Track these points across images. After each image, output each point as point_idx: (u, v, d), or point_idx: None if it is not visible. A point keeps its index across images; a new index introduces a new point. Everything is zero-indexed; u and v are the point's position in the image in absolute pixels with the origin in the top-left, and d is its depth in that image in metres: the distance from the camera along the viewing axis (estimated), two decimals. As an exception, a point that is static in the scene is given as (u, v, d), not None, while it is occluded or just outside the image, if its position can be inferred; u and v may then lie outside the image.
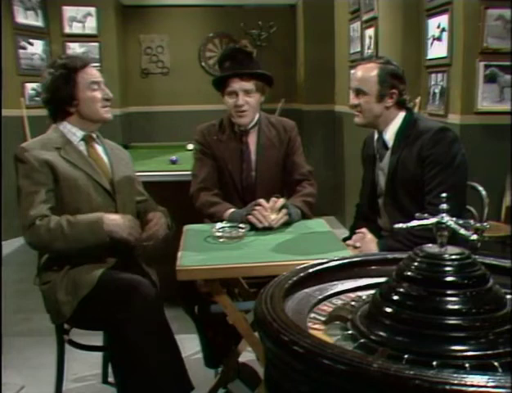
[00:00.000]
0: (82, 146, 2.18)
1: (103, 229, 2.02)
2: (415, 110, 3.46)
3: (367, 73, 2.19)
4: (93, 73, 2.16)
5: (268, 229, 2.15)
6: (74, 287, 2.02)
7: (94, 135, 2.25)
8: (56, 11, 5.91)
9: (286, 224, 2.21)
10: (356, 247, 2.18)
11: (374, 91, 2.17)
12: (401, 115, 2.23)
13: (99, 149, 2.25)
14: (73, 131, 2.18)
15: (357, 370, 0.78)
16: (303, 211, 2.31)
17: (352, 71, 4.97)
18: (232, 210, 2.28)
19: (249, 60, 2.40)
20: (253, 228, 2.15)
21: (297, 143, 2.53)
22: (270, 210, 2.18)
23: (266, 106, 2.57)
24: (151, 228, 2.18)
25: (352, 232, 2.34)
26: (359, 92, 2.21)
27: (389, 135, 2.23)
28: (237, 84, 2.36)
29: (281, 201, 2.23)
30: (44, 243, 2.00)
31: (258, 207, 2.17)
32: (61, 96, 2.11)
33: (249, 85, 2.38)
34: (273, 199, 2.22)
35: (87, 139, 2.20)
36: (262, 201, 2.20)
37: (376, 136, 2.31)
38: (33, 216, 1.98)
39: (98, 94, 2.15)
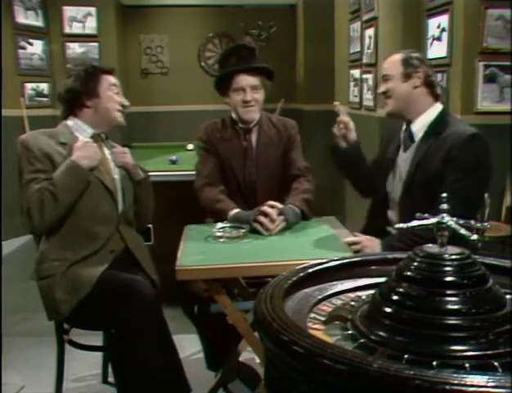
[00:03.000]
0: None
1: (81, 168, 2.05)
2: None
3: (392, 60, 2.22)
4: (115, 80, 2.26)
5: None
6: (73, 287, 2.03)
7: (103, 136, 2.28)
8: (56, 11, 5.91)
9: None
10: (356, 243, 2.15)
11: (398, 72, 2.17)
12: (437, 107, 2.19)
13: (106, 151, 2.28)
14: (83, 128, 2.20)
15: (357, 370, 0.78)
16: (302, 210, 2.30)
17: (352, 71, 4.97)
18: (237, 210, 2.28)
19: (253, 56, 2.42)
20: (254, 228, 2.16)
21: (296, 141, 2.54)
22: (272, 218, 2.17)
23: (266, 105, 2.56)
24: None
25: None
26: (385, 78, 2.22)
27: (418, 127, 2.19)
28: (244, 80, 2.38)
29: (276, 210, 2.19)
30: (41, 213, 2.00)
31: (263, 219, 2.14)
32: (83, 87, 2.17)
33: (256, 81, 2.40)
34: (275, 210, 2.18)
35: (96, 138, 2.22)
36: (266, 208, 2.17)
37: (404, 127, 2.27)
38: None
39: (117, 97, 2.22)
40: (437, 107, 2.20)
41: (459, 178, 2.04)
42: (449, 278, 0.96)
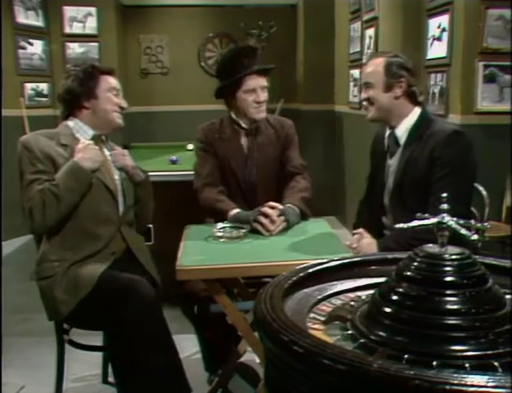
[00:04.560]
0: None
1: (83, 170, 2.06)
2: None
3: (374, 66, 2.19)
4: (115, 81, 2.25)
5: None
6: (73, 287, 2.03)
7: (103, 137, 2.28)
8: (56, 11, 5.91)
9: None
10: (353, 248, 2.17)
11: (380, 82, 2.15)
12: (416, 111, 2.20)
13: (106, 152, 2.28)
14: (84, 129, 2.21)
15: (357, 370, 0.78)
16: (301, 209, 2.30)
17: (351, 71, 4.97)
18: (238, 210, 2.28)
19: (256, 57, 2.42)
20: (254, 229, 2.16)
21: (293, 140, 2.55)
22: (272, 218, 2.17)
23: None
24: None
25: (354, 229, 2.33)
26: (367, 86, 2.20)
27: (401, 131, 2.21)
28: (256, 81, 2.38)
29: (276, 212, 2.19)
30: (43, 213, 2.01)
31: (263, 219, 2.15)
32: (81, 89, 2.16)
33: (265, 81, 2.42)
34: (275, 211, 2.19)
35: (97, 140, 2.22)
36: (267, 209, 2.17)
37: (388, 132, 2.28)
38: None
39: (115, 99, 2.22)
40: (417, 111, 2.21)
41: (445, 175, 2.06)
42: (449, 278, 0.96)
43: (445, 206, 1.05)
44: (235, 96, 2.42)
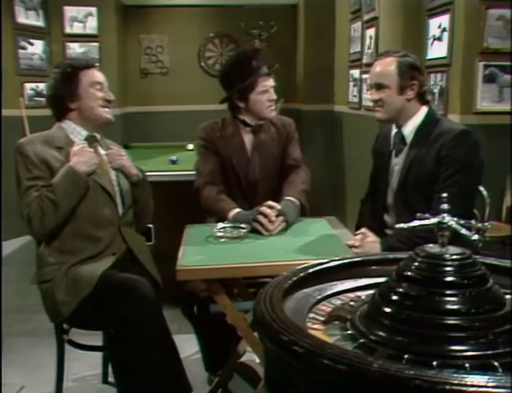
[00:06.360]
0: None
1: (80, 174, 2.05)
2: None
3: (386, 67, 2.17)
4: (96, 74, 2.20)
5: None
6: (74, 287, 2.02)
7: (98, 137, 2.26)
8: (57, 11, 5.90)
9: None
10: (356, 247, 2.17)
11: (394, 83, 2.15)
12: (423, 110, 2.20)
13: (102, 152, 2.26)
14: (77, 130, 2.19)
15: (357, 370, 0.78)
16: (301, 202, 2.31)
17: (351, 71, 4.97)
18: (238, 210, 2.27)
19: (263, 58, 2.48)
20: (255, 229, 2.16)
21: (294, 137, 2.56)
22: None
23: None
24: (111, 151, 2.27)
25: (357, 229, 2.33)
26: (379, 87, 2.18)
27: (408, 130, 2.21)
28: (270, 82, 2.45)
29: (274, 212, 2.20)
30: (41, 220, 2.01)
31: (262, 219, 2.15)
32: (64, 91, 2.13)
33: (273, 81, 2.48)
34: (273, 211, 2.19)
35: (91, 140, 2.20)
36: (265, 209, 2.18)
37: (394, 130, 2.28)
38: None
39: (99, 94, 2.17)
40: (423, 110, 2.21)
41: (451, 174, 2.07)
42: (449, 278, 0.96)
43: (445, 206, 1.05)
44: (247, 98, 2.42)
